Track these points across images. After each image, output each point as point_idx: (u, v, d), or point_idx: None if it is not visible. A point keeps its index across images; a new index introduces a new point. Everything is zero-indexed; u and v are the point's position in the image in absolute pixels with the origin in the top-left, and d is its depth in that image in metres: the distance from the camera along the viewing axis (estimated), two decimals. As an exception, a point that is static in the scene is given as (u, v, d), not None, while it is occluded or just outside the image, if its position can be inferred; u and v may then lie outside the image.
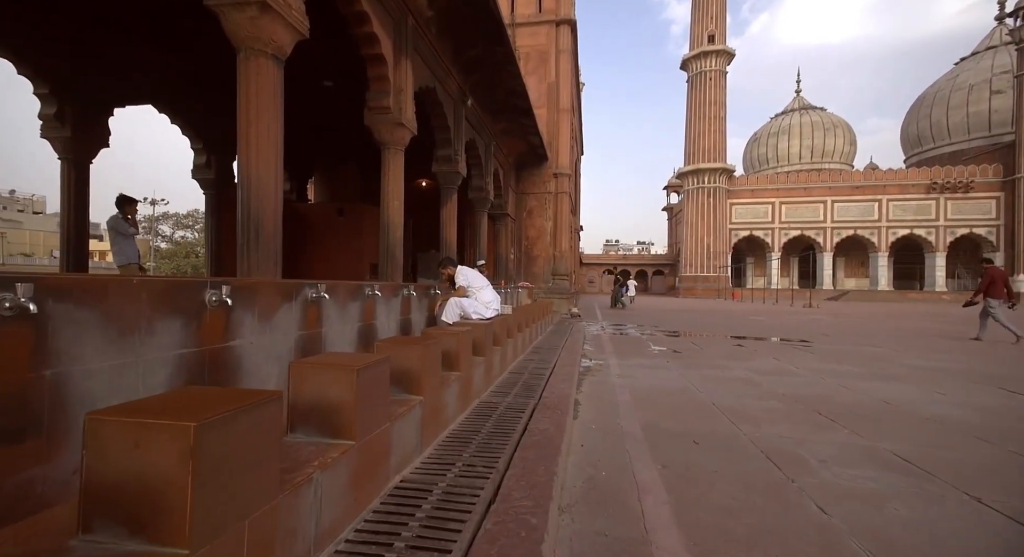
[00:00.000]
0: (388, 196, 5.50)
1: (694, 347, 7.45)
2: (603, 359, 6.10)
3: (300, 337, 2.50)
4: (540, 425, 2.73)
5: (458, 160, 7.68)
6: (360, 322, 3.17)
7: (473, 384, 3.23)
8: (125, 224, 5.63)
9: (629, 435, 2.95)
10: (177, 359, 1.75)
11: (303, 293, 2.54)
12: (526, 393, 3.61)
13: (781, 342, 8.25)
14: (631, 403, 3.80)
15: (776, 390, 4.34)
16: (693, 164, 40.81)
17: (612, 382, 4.63)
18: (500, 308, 4.51)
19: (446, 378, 2.73)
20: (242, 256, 3.22)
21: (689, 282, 40.82)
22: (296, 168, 10.94)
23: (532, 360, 5.22)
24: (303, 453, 1.52)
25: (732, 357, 6.40)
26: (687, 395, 4.12)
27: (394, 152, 5.50)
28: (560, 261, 13.31)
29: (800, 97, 49.92)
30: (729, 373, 5.20)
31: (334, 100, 8.62)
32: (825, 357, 6.50)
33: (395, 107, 5.32)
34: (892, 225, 38.23)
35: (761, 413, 3.52)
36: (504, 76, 8.14)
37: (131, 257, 5.78)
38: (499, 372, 4.13)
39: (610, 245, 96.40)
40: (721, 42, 39.96)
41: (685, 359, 6.21)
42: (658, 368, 5.49)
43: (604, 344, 7.68)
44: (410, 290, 3.90)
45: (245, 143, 3.23)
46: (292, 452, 1.52)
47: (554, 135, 13.18)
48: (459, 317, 4.23)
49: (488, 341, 3.64)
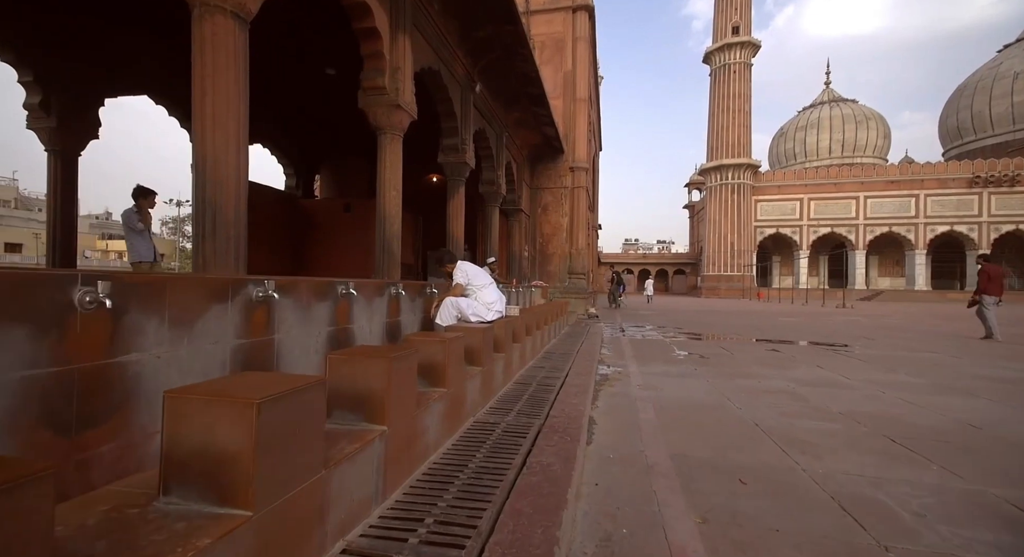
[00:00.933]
0: (385, 185, 5.01)
1: (723, 352, 6.77)
2: (622, 366, 5.50)
3: (236, 348, 2.00)
4: (543, 458, 2.17)
5: (466, 150, 7.17)
6: (331, 326, 2.66)
7: (465, 401, 2.69)
8: (135, 218, 5.22)
9: (656, 469, 2.37)
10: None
11: (246, 292, 2.04)
12: (531, 409, 3.06)
13: (820, 347, 7.49)
14: (656, 422, 3.20)
15: (828, 406, 3.68)
16: (716, 160, 39.54)
17: (633, 394, 4.04)
18: (504, 309, 3.97)
19: (426, 397, 2.20)
20: (197, 247, 2.75)
21: (712, 282, 39.56)
22: (301, 163, 10.61)
23: (542, 367, 4.66)
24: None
25: (768, 364, 5.72)
26: (722, 412, 3.51)
27: (391, 138, 5.00)
28: (577, 259, 12.69)
29: (830, 89, 47.97)
30: (768, 384, 4.54)
31: (339, 91, 8.20)
32: (875, 364, 5.76)
33: (391, 87, 4.83)
34: (930, 221, 36.32)
35: (818, 438, 2.89)
36: (516, 60, 7.59)
37: (143, 254, 5.31)
38: (501, 383, 3.59)
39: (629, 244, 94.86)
40: (746, 33, 38.61)
41: (715, 366, 5.56)
42: (685, 377, 4.87)
43: (623, 348, 7.06)
44: (398, 289, 3.39)
45: (200, 116, 2.76)
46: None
47: (571, 127, 12.57)
48: (456, 319, 3.71)
49: (486, 348, 3.10)
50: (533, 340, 5.14)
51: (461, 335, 2.67)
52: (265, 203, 9.04)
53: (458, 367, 2.58)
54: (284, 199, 9.72)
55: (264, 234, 9.01)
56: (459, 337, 2.54)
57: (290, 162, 10.29)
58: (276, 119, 9.42)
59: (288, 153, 10.15)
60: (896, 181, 37.17)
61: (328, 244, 9.71)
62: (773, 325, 11.62)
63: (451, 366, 2.45)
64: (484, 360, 3.06)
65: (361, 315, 2.95)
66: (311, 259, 9.64)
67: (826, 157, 43.90)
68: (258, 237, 9.08)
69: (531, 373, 4.35)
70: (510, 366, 3.89)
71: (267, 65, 7.98)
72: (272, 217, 9.06)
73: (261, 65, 8.33)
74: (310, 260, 9.66)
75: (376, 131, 5.01)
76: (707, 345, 7.71)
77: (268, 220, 9.07)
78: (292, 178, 10.42)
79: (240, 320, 2.01)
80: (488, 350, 3.15)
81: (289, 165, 10.31)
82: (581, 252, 12.80)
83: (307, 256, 9.69)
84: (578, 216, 12.71)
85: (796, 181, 39.35)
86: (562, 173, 12.70)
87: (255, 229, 9.10)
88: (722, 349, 7.12)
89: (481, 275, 3.97)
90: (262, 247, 8.96)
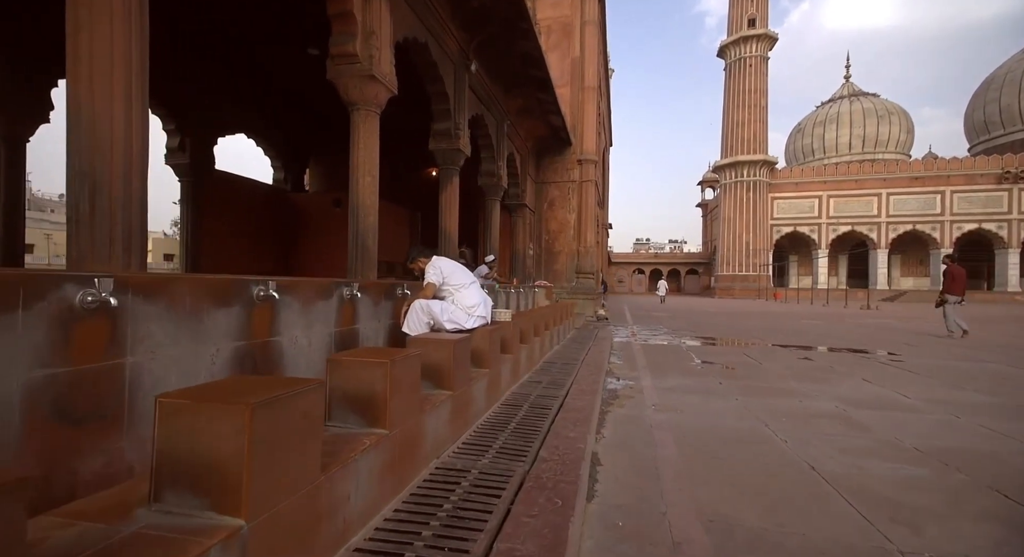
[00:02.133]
0: (358, 170, 4.33)
1: (749, 361, 5.98)
2: (634, 378, 4.75)
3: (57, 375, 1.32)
4: (516, 544, 1.45)
5: (459, 135, 6.48)
6: (241, 341, 1.97)
7: (422, 443, 1.99)
8: None
9: (686, 549, 1.64)
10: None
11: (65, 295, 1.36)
12: (517, 446, 2.34)
13: (858, 355, 6.65)
14: (679, 463, 2.46)
15: (899, 439, 2.91)
16: (731, 156, 38.37)
17: (648, 419, 3.30)
18: (489, 314, 3.25)
19: (355, 443, 1.51)
20: (71, 235, 2.08)
21: (726, 282, 38.40)
22: (290, 156, 9.99)
23: (539, 382, 3.93)
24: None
25: (805, 377, 4.92)
26: (764, 447, 2.75)
27: (365, 114, 4.32)
28: (585, 257, 11.92)
29: (850, 83, 46.40)
30: (812, 404, 3.77)
31: None
32: (931, 378, 4.93)
33: (364, 55, 4.15)
34: (957, 219, 34.79)
35: (904, 493, 2.13)
36: (516, 36, 6.87)
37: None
38: (483, 407, 2.87)
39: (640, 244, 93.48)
40: (762, 26, 37.41)
41: (742, 378, 4.79)
42: (710, 394, 4.10)
43: (635, 355, 6.30)
44: (352, 290, 2.69)
45: (74, 57, 2.08)
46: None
47: (578, 117, 11.81)
48: (428, 327, 3.00)
49: (458, 366, 2.39)
50: (530, 348, 4.41)
51: (417, 354, 1.96)
52: (249, 198, 8.45)
53: (409, 396, 1.88)
54: (270, 194, 9.11)
55: (249, 230, 8.42)
56: (408, 358, 1.84)
57: (278, 155, 9.69)
58: (261, 108, 8.82)
59: (275, 145, 9.55)
60: (920, 177, 35.68)
61: (319, 241, 9.09)
62: (797, 328, 10.74)
63: (397, 396, 1.75)
64: (455, 382, 2.35)
65: (293, 323, 2.25)
66: (299, 257, 9.03)
67: (846, 153, 42.38)
68: (241, 233, 8.53)
69: (525, 390, 3.63)
70: (496, 384, 3.18)
71: (247, 48, 7.40)
72: (256, 213, 8.46)
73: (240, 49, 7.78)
74: (298, 258, 9.04)
75: (348, 107, 4.33)
76: (729, 352, 6.91)
77: (252, 216, 8.48)
78: (280, 171, 9.81)
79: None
80: (460, 369, 2.44)
81: (277, 158, 9.71)
82: (589, 250, 12.04)
83: (295, 254, 9.08)
84: (586, 212, 11.94)
85: (815, 178, 38.02)
86: (569, 166, 11.95)
87: (238, 225, 8.53)
88: (747, 357, 6.32)
89: (459, 273, 3.26)
90: (246, 245, 8.36)
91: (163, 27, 6.44)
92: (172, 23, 6.43)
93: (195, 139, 7.29)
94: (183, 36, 6.65)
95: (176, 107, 7.06)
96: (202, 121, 7.40)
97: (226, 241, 7.91)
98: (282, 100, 8.90)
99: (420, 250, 3.40)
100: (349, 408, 1.74)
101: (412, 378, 1.91)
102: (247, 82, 7.99)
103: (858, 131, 42.19)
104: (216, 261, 7.70)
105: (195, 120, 7.28)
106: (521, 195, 10.66)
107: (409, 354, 1.90)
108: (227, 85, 7.74)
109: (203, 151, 7.50)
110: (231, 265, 7.80)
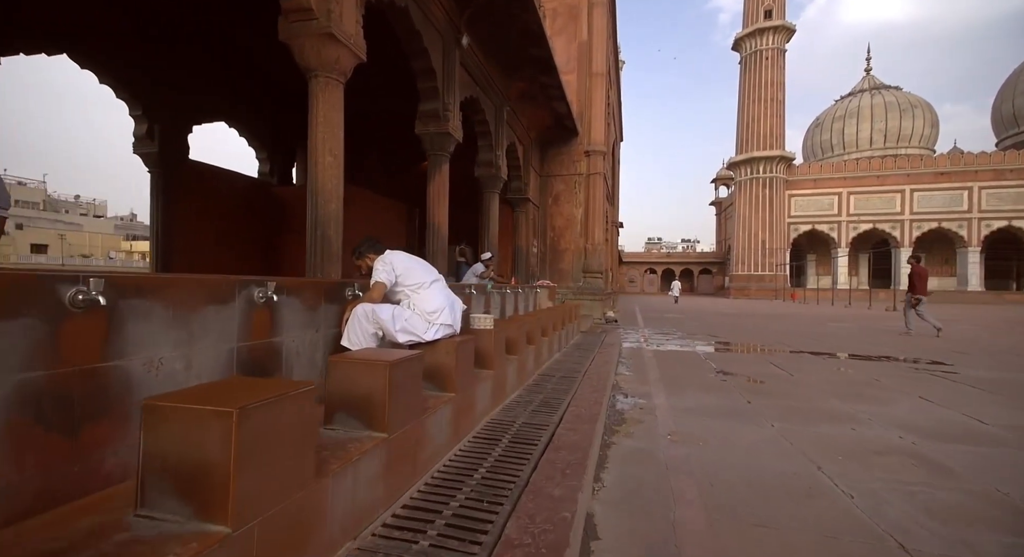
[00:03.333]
0: (316, 149, 3.67)
1: (777, 371, 5.21)
2: (645, 394, 4.03)
3: None
4: None
5: (449, 117, 5.80)
6: (34, 371, 1.29)
7: (324, 525, 1.30)
8: None
9: None
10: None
11: None
12: (472, 522, 1.64)
13: (904, 364, 5.83)
14: (706, 535, 1.75)
15: (999, 490, 2.15)
16: (746, 152, 37.19)
17: (662, 455, 2.58)
18: (457, 320, 2.54)
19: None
20: None
21: (741, 282, 37.24)
22: (276, 147, 9.40)
23: (528, 402, 3.23)
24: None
25: (850, 394, 4.15)
26: (823, 504, 2.02)
27: (324, 82, 3.65)
28: (593, 256, 11.17)
29: (870, 76, 44.78)
30: (869, 434, 3.01)
31: None
32: (997, 393, 4.12)
33: (320, 9, 3.48)
34: (985, 216, 33.27)
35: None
36: (513, 6, 6.16)
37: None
38: (442, 447, 2.18)
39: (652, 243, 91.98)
40: (779, 17, 36.19)
41: (774, 395, 4.03)
42: (738, 417, 3.37)
43: (646, 365, 5.56)
44: (267, 291, 2.01)
45: None
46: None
47: (586, 105, 11.06)
48: (374, 339, 2.32)
49: (395, 396, 1.70)
50: (520, 361, 3.71)
51: (414, 355, 1.30)
52: (228, 191, 7.86)
53: (291, 466, 1.19)
54: (253, 187, 8.52)
55: (228, 226, 7.83)
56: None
57: (263, 145, 9.10)
58: (244, 95, 8.23)
59: (260, 135, 8.96)
60: (946, 172, 34.19)
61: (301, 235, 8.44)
62: (823, 332, 9.87)
63: (278, 462, 1.07)
64: (388, 422, 1.66)
65: (155, 340, 1.58)
66: (285, 254, 8.42)
67: (867, 148, 40.84)
68: (220, 230, 7.92)
69: (508, 415, 2.93)
70: (468, 411, 2.49)
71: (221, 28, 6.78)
72: (237, 207, 7.87)
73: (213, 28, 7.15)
74: (283, 256, 8.44)
75: (305, 73, 3.67)
76: (752, 360, 6.13)
77: (234, 211, 7.89)
78: (265, 163, 9.22)
79: None
80: (410, 398, 1.75)
81: (262, 149, 9.12)
82: (598, 248, 11.28)
83: (280, 251, 8.48)
84: (594, 207, 11.19)
85: (834, 174, 36.67)
86: (576, 158, 11.20)
87: (216, 221, 7.94)
88: (773, 366, 5.55)
89: (418, 270, 2.58)
90: (225, 242, 7.78)
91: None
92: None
93: (166, 126, 6.70)
94: (144, 11, 6.06)
95: (142, 90, 6.47)
96: (174, 106, 6.81)
97: (203, 238, 7.32)
98: (264, 86, 8.30)
99: (371, 244, 2.71)
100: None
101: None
102: (222, 65, 7.39)
103: (879, 125, 40.66)
104: (192, 259, 7.13)
105: (165, 105, 6.69)
106: (524, 188, 9.96)
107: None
108: (203, 68, 7.15)
109: (175, 140, 6.91)
110: (208, 264, 7.22)
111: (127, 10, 6.02)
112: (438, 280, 2.58)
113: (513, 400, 3.30)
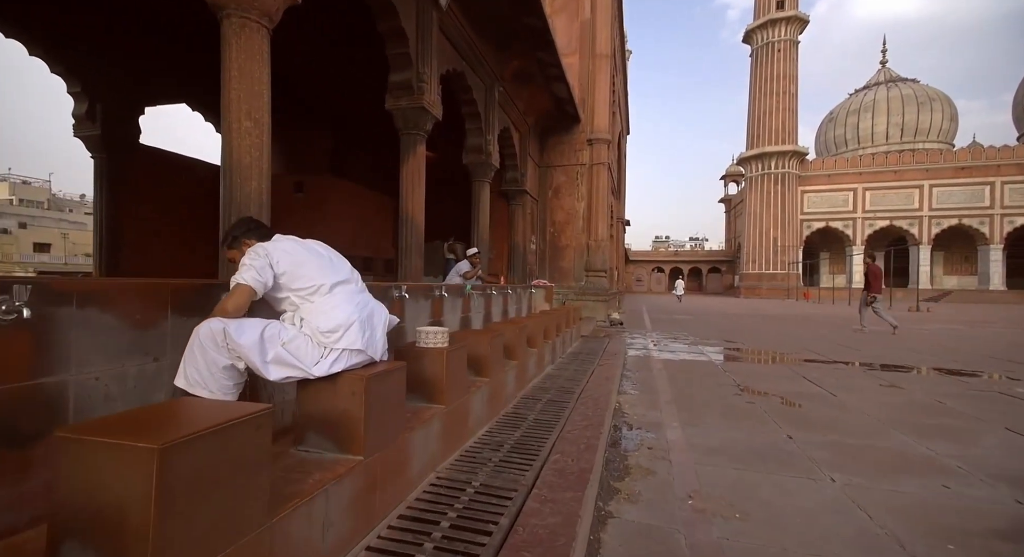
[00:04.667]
0: (230, 112, 2.85)
1: (816, 390, 4.34)
2: (655, 426, 3.18)
3: None
4: None
5: (424, 90, 4.98)
6: None
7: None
8: None
9: None
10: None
11: None
12: None
13: (963, 380, 4.93)
14: None
15: None
16: (757, 148, 36.06)
17: (682, 541, 1.74)
18: (376, 341, 1.67)
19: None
20: None
21: (752, 280, 36.13)
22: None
23: (499, 445, 2.40)
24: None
25: (917, 425, 3.27)
26: None
27: (240, 25, 2.84)
28: (596, 253, 10.30)
29: (886, 69, 43.37)
30: (970, 494, 2.15)
31: (291, 38, 6.15)
32: (1112, 428, 3.23)
33: (230, -74, 2.66)
34: (1008, 212, 31.93)
35: None
36: (500, -37, 5.32)
37: None
38: (348, 534, 1.35)
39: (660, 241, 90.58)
40: (792, 7, 35.03)
41: (820, 427, 3.17)
42: (780, 465, 2.51)
43: (655, 380, 4.71)
44: (14, 300, 1.20)
45: None
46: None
47: (589, 89, 10.18)
48: (230, 377, 1.45)
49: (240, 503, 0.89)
50: (494, 385, 2.88)
51: None
52: (186, 180, 7.09)
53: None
54: (215, 175, 7.73)
55: (186, 218, 7.07)
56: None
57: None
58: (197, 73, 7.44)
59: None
60: (967, 167, 32.87)
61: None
62: (847, 337, 8.93)
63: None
64: (236, 531, 0.84)
65: None
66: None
67: (882, 143, 39.51)
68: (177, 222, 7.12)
69: (462, 471, 2.10)
70: (401, 475, 1.66)
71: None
72: (197, 198, 7.10)
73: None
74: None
75: (215, 12, 2.86)
76: (780, 373, 5.26)
77: (191, 201, 7.13)
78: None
79: None
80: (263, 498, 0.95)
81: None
82: (601, 244, 10.41)
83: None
84: (598, 200, 10.32)
85: (849, 169, 35.43)
86: (578, 147, 10.33)
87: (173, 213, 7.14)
88: (808, 382, 4.67)
89: (313, 266, 1.68)
90: (182, 236, 7.01)
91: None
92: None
93: (110, 106, 5.94)
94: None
95: (79, 64, 5.70)
96: (119, 85, 6.04)
97: (158, 230, 6.57)
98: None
99: (248, 226, 1.85)
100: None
101: None
102: (191, 56, 6.59)
103: (896, 119, 39.30)
104: (143, 256, 6.37)
105: (109, 83, 5.92)
106: (520, 179, 9.12)
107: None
108: (152, 42, 6.37)
109: (123, 122, 6.14)
110: (160, 262, 6.46)
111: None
112: (346, 282, 1.71)
113: (476, 442, 2.47)
